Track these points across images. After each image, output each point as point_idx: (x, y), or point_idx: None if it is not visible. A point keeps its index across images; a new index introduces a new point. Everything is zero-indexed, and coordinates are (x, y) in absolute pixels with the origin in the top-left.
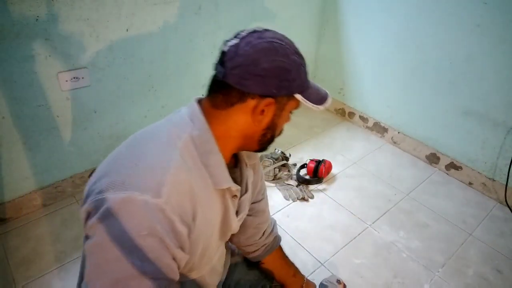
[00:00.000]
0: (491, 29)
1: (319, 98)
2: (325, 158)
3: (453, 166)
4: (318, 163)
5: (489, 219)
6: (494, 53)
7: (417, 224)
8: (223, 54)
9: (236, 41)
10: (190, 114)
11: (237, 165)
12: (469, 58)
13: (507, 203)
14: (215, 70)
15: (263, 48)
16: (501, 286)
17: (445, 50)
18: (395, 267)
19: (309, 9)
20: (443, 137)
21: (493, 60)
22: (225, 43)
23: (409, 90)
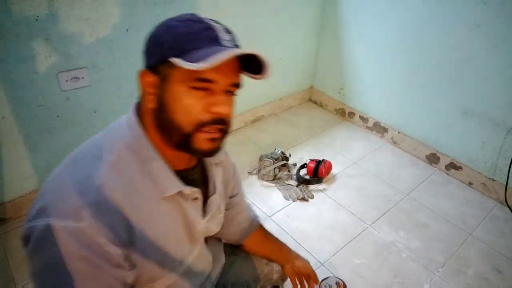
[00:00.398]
0: (491, 29)
1: (207, 55)
2: (325, 158)
3: (453, 166)
4: (318, 163)
5: (489, 219)
6: (494, 53)
7: (417, 224)
8: None
9: None
10: (127, 121)
11: (196, 166)
12: (469, 58)
13: (507, 203)
14: None
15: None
16: (501, 286)
17: (445, 50)
18: (395, 267)
19: (309, 9)
20: (443, 137)
21: (493, 60)
22: None
23: (409, 90)
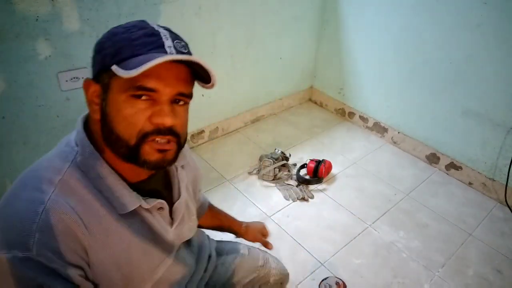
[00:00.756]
0: (491, 29)
1: (141, 62)
2: (325, 158)
3: (453, 166)
4: (318, 163)
5: (489, 219)
6: (494, 53)
7: (417, 224)
8: None
9: None
10: (76, 137)
11: (156, 174)
12: (469, 58)
13: (507, 203)
14: None
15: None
16: (501, 286)
17: (445, 50)
18: (395, 267)
19: (309, 9)
20: (443, 137)
21: (493, 60)
22: None
23: (409, 90)
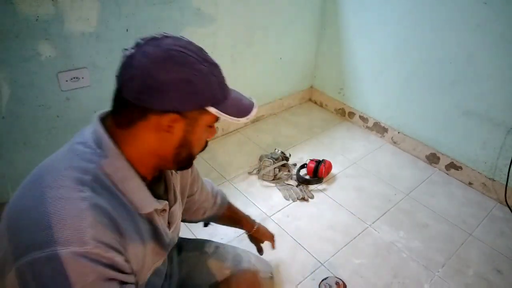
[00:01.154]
0: (491, 29)
1: (240, 110)
2: (325, 158)
3: (453, 166)
4: (318, 163)
5: (489, 219)
6: (494, 53)
7: (417, 224)
8: (120, 65)
9: (133, 50)
10: (95, 139)
11: (163, 178)
12: (469, 58)
13: (507, 203)
14: (116, 83)
15: (158, 57)
16: (501, 286)
17: (445, 50)
18: (395, 267)
19: (309, 9)
20: (443, 137)
21: (493, 60)
22: (123, 51)
23: (409, 90)
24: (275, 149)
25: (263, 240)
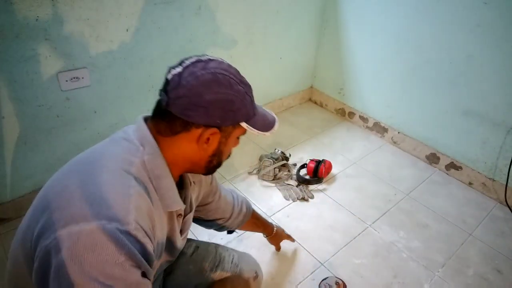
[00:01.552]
0: (491, 29)
1: (265, 125)
2: (325, 158)
3: (453, 166)
4: (318, 163)
5: (489, 219)
6: (494, 53)
7: (417, 224)
8: (166, 82)
9: (180, 69)
10: (139, 137)
11: (183, 185)
12: (469, 58)
13: (507, 203)
14: (159, 96)
15: (206, 80)
16: (501, 286)
17: (445, 50)
18: (395, 267)
19: (309, 9)
20: (443, 137)
21: (493, 60)
22: (169, 70)
23: (409, 90)
24: (275, 149)
25: (281, 240)
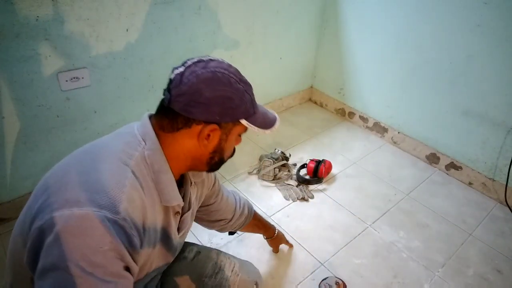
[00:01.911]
0: (491, 29)
1: (266, 122)
2: (325, 158)
3: (453, 166)
4: (318, 163)
5: (489, 219)
6: (494, 53)
7: (417, 224)
8: (170, 81)
9: (182, 69)
10: (142, 133)
11: (181, 183)
12: (469, 58)
13: (507, 203)
14: (163, 95)
15: (206, 78)
16: (501, 286)
17: (445, 50)
18: (395, 267)
19: (309, 9)
20: (443, 137)
21: (493, 60)
22: (172, 70)
23: (409, 90)
24: (275, 149)
25: (280, 244)
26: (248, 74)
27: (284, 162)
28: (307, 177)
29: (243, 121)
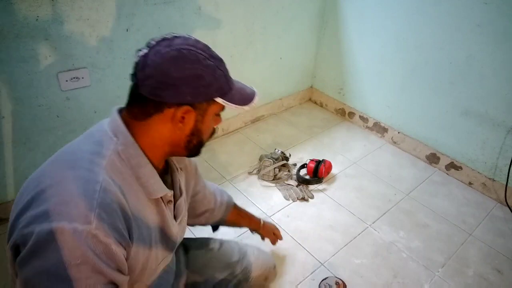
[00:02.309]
0: (491, 29)
1: (244, 98)
2: (325, 158)
3: (453, 166)
4: (318, 163)
5: (489, 219)
6: (494, 53)
7: (417, 224)
8: (135, 65)
9: (146, 50)
10: (112, 128)
11: (168, 170)
12: (469, 58)
13: (507, 203)
14: (131, 80)
15: (171, 57)
16: (501, 286)
17: (445, 50)
18: (395, 267)
19: (309, 9)
20: (443, 137)
21: (493, 60)
22: (136, 52)
23: (409, 90)
24: (275, 149)
25: (269, 234)
26: (248, 74)
27: (284, 162)
28: (307, 177)
29: (218, 99)
